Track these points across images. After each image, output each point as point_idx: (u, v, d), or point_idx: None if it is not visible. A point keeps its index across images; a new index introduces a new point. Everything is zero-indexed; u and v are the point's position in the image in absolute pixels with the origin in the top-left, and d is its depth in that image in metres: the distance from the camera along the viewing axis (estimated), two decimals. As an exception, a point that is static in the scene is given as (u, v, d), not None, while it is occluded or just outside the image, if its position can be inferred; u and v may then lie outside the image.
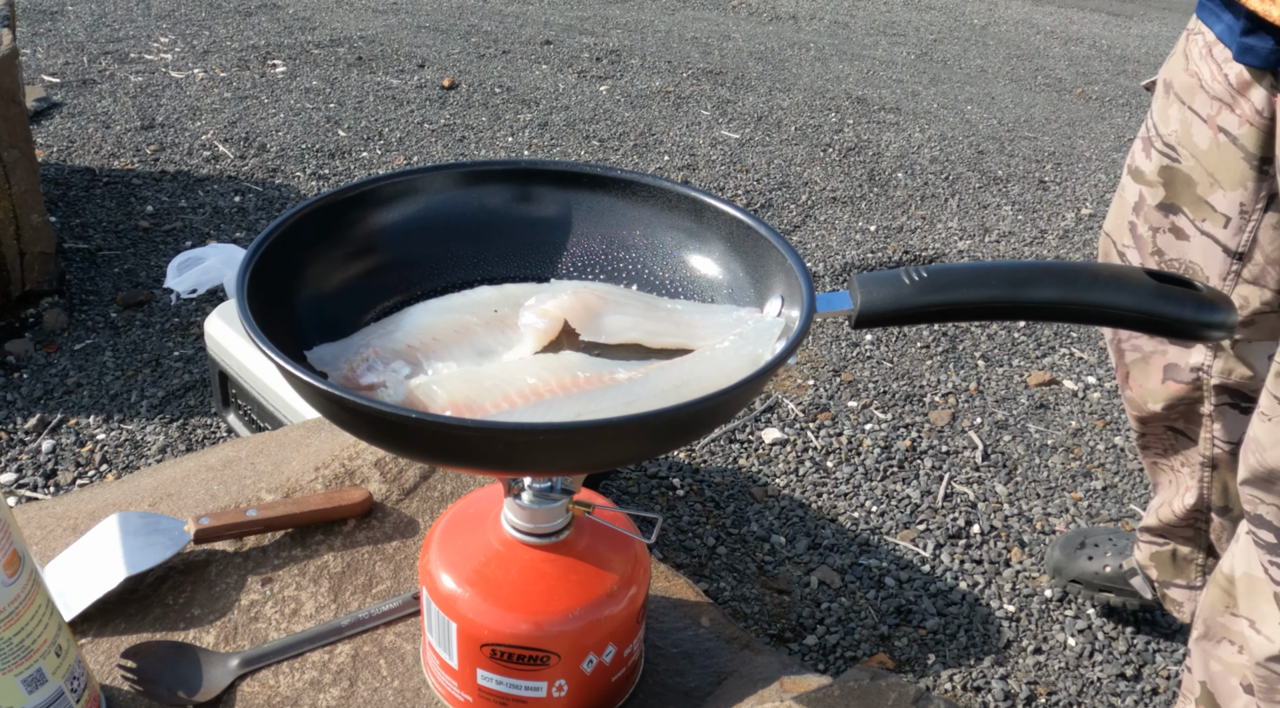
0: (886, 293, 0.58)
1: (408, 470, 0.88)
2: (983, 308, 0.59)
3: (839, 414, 2.12)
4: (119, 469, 1.81)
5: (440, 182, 0.69)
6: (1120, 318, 0.59)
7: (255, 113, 3.25)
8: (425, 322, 0.64)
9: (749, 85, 4.02)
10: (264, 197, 2.76)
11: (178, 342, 2.14)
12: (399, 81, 3.66)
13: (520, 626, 0.63)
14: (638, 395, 0.58)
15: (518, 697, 0.66)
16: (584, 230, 0.70)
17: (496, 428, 0.48)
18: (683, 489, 1.84)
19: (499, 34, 4.38)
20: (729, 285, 0.67)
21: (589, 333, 0.64)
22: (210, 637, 0.74)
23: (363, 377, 0.60)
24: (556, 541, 0.66)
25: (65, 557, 0.77)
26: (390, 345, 0.62)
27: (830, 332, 2.39)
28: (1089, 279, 0.59)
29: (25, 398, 1.94)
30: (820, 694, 0.64)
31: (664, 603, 0.81)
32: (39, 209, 2.10)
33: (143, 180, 2.77)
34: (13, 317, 2.14)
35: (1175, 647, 1.62)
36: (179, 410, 1.96)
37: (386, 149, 3.11)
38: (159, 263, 2.39)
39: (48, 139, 2.91)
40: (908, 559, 1.75)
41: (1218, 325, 0.59)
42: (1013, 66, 4.76)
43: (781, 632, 1.59)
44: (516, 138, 3.30)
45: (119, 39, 3.79)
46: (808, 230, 2.88)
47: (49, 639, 0.61)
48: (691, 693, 0.73)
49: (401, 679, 0.72)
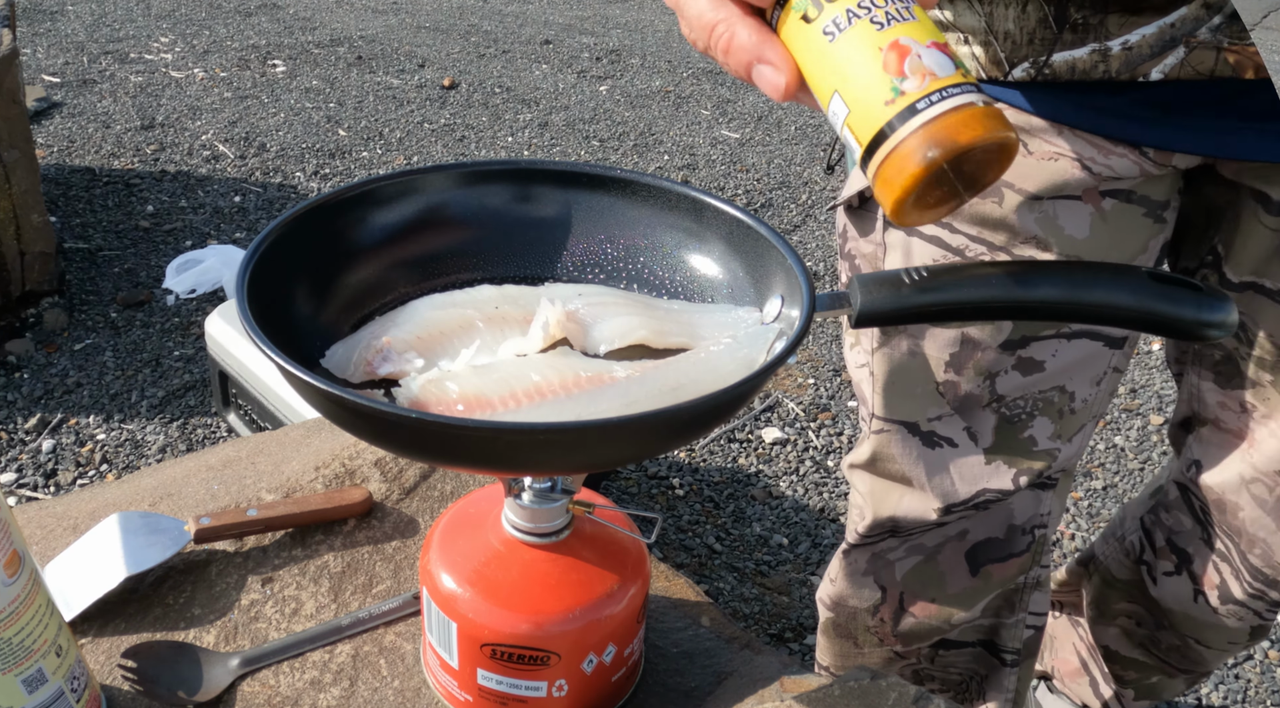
0: (886, 293, 0.58)
1: (408, 470, 0.88)
2: (983, 307, 0.59)
3: (839, 414, 2.11)
4: (119, 469, 1.81)
5: (440, 181, 0.69)
6: (1120, 318, 0.59)
7: (255, 113, 3.25)
8: (430, 316, 0.64)
9: (749, 85, 4.02)
10: (264, 197, 2.76)
11: (178, 342, 2.14)
12: (399, 81, 3.66)
13: (520, 625, 0.63)
14: (636, 396, 0.58)
15: (518, 697, 0.66)
16: (584, 230, 0.70)
17: (496, 428, 0.48)
18: (683, 489, 1.84)
19: (499, 34, 4.38)
20: (729, 285, 0.67)
21: (589, 347, 0.64)
22: (210, 637, 0.74)
23: (379, 368, 0.60)
24: (557, 540, 0.66)
25: (65, 557, 0.77)
26: (401, 337, 0.62)
27: (830, 331, 2.39)
28: (1089, 279, 0.59)
29: (25, 398, 1.94)
30: (820, 694, 0.64)
31: (664, 603, 0.81)
32: (39, 209, 2.10)
33: (143, 180, 2.77)
34: (13, 317, 2.14)
35: (1175, 646, 1.62)
36: (179, 410, 1.96)
37: (386, 149, 3.11)
38: (159, 263, 2.39)
39: (48, 139, 2.91)
40: (908, 559, 1.75)
41: (1218, 325, 0.59)
42: (1013, 66, 4.75)
43: (781, 632, 1.59)
44: (516, 138, 3.30)
45: (119, 39, 3.79)
46: (808, 230, 2.88)
47: (49, 639, 0.61)
48: (691, 693, 0.73)
49: (402, 679, 0.72)
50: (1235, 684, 1.59)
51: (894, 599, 1.02)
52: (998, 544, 0.97)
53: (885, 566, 1.00)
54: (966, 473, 0.92)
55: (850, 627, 1.06)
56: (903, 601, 1.01)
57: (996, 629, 1.03)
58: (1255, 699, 1.58)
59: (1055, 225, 0.80)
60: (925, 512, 0.94)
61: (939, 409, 0.90)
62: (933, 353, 0.88)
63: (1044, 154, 0.77)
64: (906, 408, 0.92)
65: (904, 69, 0.43)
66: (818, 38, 0.45)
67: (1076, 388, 0.88)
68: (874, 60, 0.44)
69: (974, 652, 1.05)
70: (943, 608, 1.00)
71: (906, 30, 0.44)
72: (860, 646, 1.06)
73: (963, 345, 0.86)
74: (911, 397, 0.91)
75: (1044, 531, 0.97)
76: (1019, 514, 0.96)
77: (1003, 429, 0.90)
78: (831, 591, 1.06)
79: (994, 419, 0.90)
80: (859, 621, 1.04)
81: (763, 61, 0.47)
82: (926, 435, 0.92)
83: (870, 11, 0.44)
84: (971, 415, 0.90)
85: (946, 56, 0.44)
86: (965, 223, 0.82)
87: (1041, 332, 0.85)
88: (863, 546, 1.00)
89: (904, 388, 0.91)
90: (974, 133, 0.43)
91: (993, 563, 0.97)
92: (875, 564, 1.01)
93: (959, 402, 0.89)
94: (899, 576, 1.00)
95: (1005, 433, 0.90)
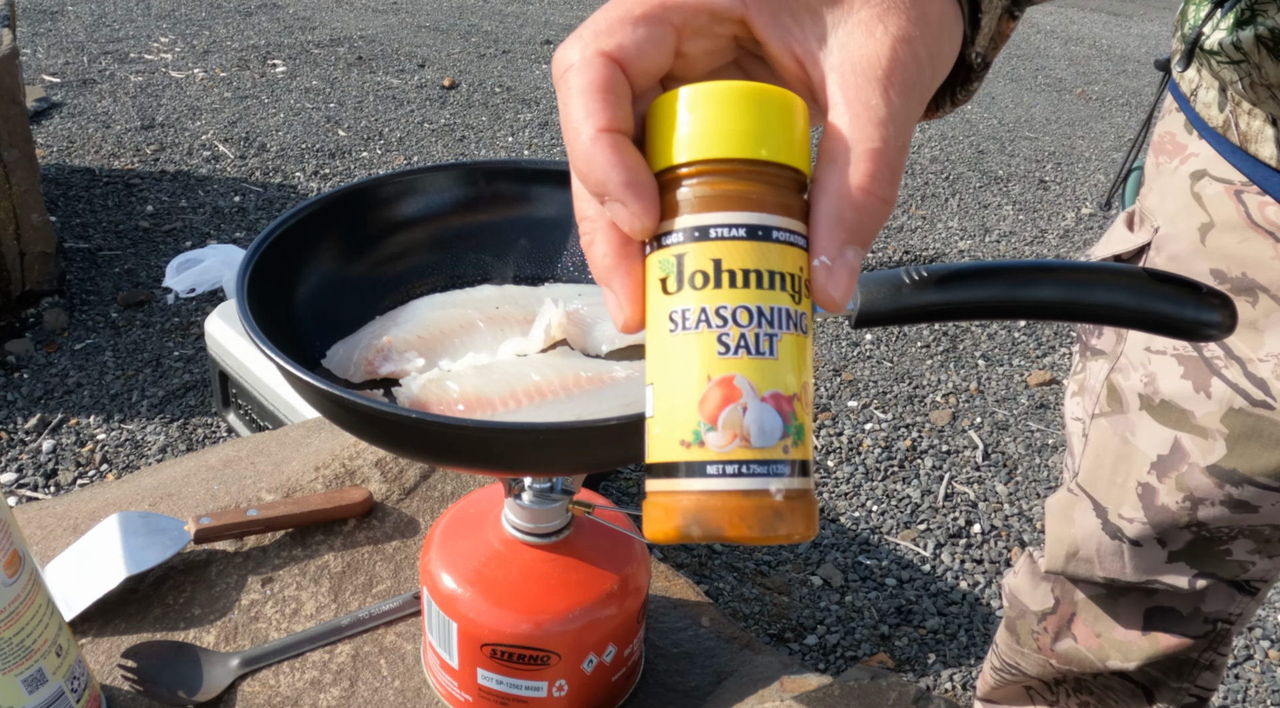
0: (886, 292, 0.58)
1: (408, 470, 0.88)
2: (983, 307, 0.59)
3: (839, 414, 2.11)
4: (119, 469, 1.81)
5: (441, 181, 0.69)
6: (1121, 318, 0.59)
7: (255, 113, 3.25)
8: (431, 316, 0.64)
9: (749, 85, 4.02)
10: (264, 197, 2.76)
11: (178, 342, 2.14)
12: (399, 81, 3.66)
13: (520, 625, 0.63)
14: (636, 396, 0.58)
15: (518, 697, 0.66)
16: (584, 230, 0.70)
17: (496, 428, 0.48)
18: (683, 489, 1.84)
19: (499, 34, 4.38)
20: (729, 285, 0.67)
21: (589, 347, 0.64)
22: (210, 637, 0.74)
23: (381, 367, 0.60)
24: (557, 540, 0.66)
25: (65, 557, 0.77)
26: (402, 336, 0.62)
27: (830, 331, 2.39)
28: (1089, 279, 0.59)
29: (25, 398, 1.94)
30: (820, 694, 0.64)
31: (664, 603, 0.81)
32: (39, 209, 2.10)
33: (143, 180, 2.77)
34: (13, 316, 2.14)
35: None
36: (179, 410, 1.96)
37: (386, 149, 3.11)
38: (159, 263, 2.39)
39: (48, 139, 2.91)
40: (908, 559, 1.75)
41: (1218, 325, 0.59)
42: (1013, 66, 4.75)
43: (781, 632, 1.59)
44: (516, 138, 3.30)
45: (119, 39, 3.79)
46: (808, 230, 2.88)
47: (49, 639, 0.61)
48: (691, 693, 0.73)
49: (402, 679, 0.72)
50: (1235, 684, 1.59)
51: (1064, 616, 0.96)
52: (1177, 619, 0.90)
53: (1067, 583, 0.96)
54: (1142, 565, 0.85)
55: (1018, 623, 1.03)
56: (1071, 621, 0.96)
57: (1160, 684, 0.98)
58: (1255, 699, 1.58)
59: None
60: (1091, 575, 0.89)
61: (1134, 512, 0.82)
62: (1142, 446, 0.80)
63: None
64: (1102, 491, 0.85)
65: (718, 417, 0.35)
66: (663, 316, 0.36)
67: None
68: (695, 388, 0.35)
69: (1134, 690, 1.00)
70: (1104, 646, 0.94)
71: (751, 369, 0.35)
72: (1021, 644, 1.03)
73: (1173, 451, 0.78)
74: (1112, 483, 0.84)
75: (1228, 627, 0.90)
76: (1209, 604, 0.89)
77: (1199, 546, 0.82)
78: (1013, 581, 1.03)
79: (1189, 537, 0.82)
80: (1026, 621, 1.01)
81: (609, 289, 0.37)
82: (1112, 527, 0.85)
83: (724, 327, 0.35)
84: (1166, 532, 0.82)
85: (780, 418, 0.35)
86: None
87: (1258, 476, 0.75)
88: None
89: (1108, 470, 0.84)
90: (746, 531, 0.35)
91: (1165, 633, 0.91)
92: (1058, 578, 0.96)
93: (1155, 511, 0.81)
94: (1077, 598, 0.95)
95: (1199, 548, 0.83)
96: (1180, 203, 0.75)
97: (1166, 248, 0.77)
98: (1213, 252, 0.73)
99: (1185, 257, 0.75)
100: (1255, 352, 0.72)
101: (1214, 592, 0.87)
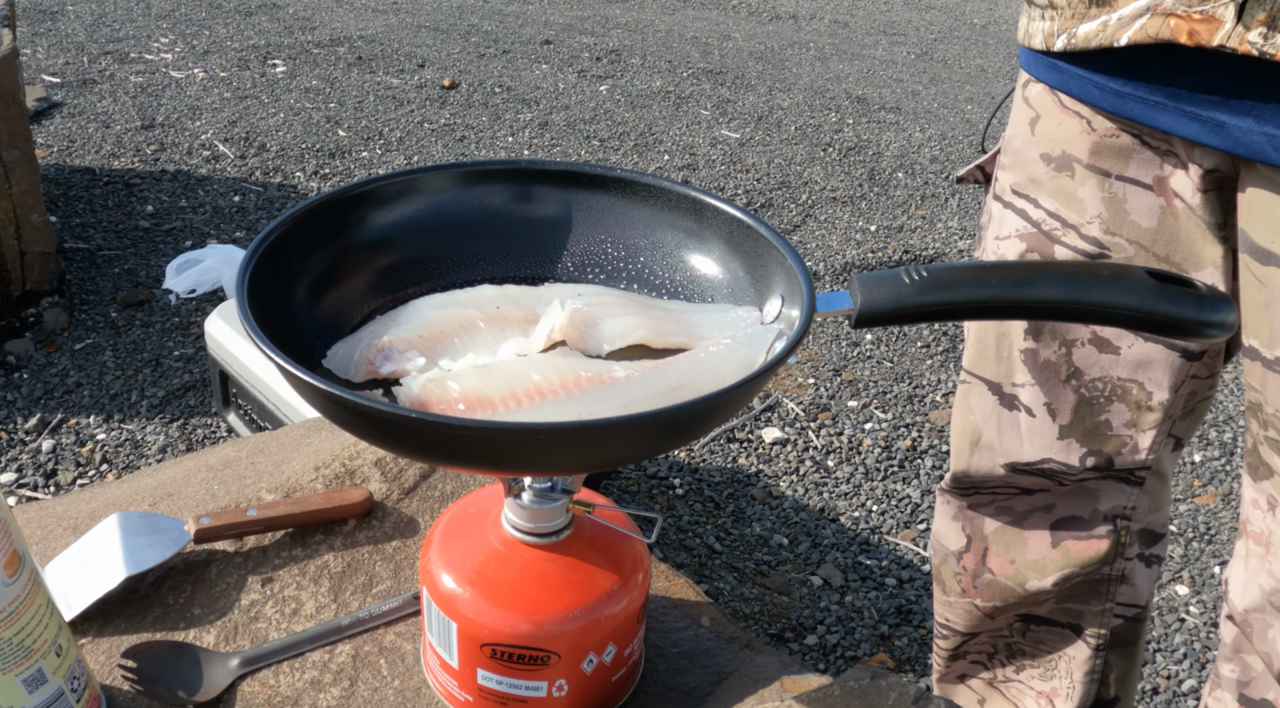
0: (887, 292, 0.58)
1: (408, 470, 0.88)
2: (983, 307, 0.59)
3: (839, 414, 2.11)
4: (119, 469, 1.81)
5: (440, 181, 0.69)
6: (1120, 317, 0.59)
7: (255, 113, 3.25)
8: (431, 315, 0.64)
9: (749, 85, 4.02)
10: (264, 196, 2.76)
11: (178, 341, 2.14)
12: (399, 81, 3.66)
13: (520, 625, 0.63)
14: (636, 396, 0.58)
15: (518, 697, 0.66)
16: (584, 230, 0.70)
17: (497, 428, 0.48)
18: (683, 489, 1.84)
19: (499, 34, 4.38)
20: (729, 285, 0.67)
21: (590, 347, 0.64)
22: (210, 637, 0.74)
23: (381, 367, 0.60)
24: (557, 540, 0.66)
25: (65, 557, 0.77)
26: (403, 335, 0.62)
27: (830, 331, 2.39)
28: (1089, 279, 0.59)
29: (25, 398, 1.94)
30: (820, 694, 0.64)
31: (664, 603, 0.81)
32: (39, 209, 2.10)
33: (143, 180, 2.77)
34: (13, 316, 2.14)
35: (1175, 647, 1.62)
36: (179, 410, 1.96)
37: (386, 149, 3.11)
38: (159, 263, 2.39)
39: (48, 139, 2.91)
40: (908, 559, 1.75)
41: (1218, 324, 0.59)
42: (1013, 66, 4.75)
43: (781, 632, 1.59)
44: (516, 137, 3.30)
45: (119, 39, 3.80)
46: (808, 230, 2.88)
47: (49, 639, 0.61)
48: (691, 693, 0.73)
49: (402, 679, 0.72)
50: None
51: (978, 551, 1.07)
52: (1080, 522, 1.00)
53: (974, 517, 1.06)
54: (1037, 442, 0.96)
55: (942, 570, 1.12)
56: (985, 555, 1.06)
57: (1082, 614, 1.06)
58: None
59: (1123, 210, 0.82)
60: (993, 468, 0.99)
61: (1023, 377, 0.94)
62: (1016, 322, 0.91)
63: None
64: (992, 368, 0.97)
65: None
66: None
67: (1154, 389, 0.90)
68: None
69: (1062, 632, 1.08)
70: (1019, 570, 1.04)
71: None
72: (947, 592, 1.12)
73: None
74: (998, 358, 0.96)
75: (1127, 523, 0.99)
76: (1104, 501, 0.99)
77: (1081, 410, 0.93)
78: (935, 526, 1.13)
79: (1074, 399, 0.93)
80: (949, 565, 1.11)
81: None
82: (1008, 398, 0.96)
83: None
84: (1052, 389, 0.93)
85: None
86: (1049, 197, 0.86)
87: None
88: (954, 492, 1.07)
89: (992, 349, 0.96)
90: None
91: (1072, 539, 1.01)
92: (964, 514, 1.07)
93: (1039, 370, 0.93)
94: (986, 531, 1.06)
95: (1082, 413, 0.93)
96: (1017, 109, 0.90)
97: (1009, 146, 0.91)
98: (1040, 138, 0.86)
99: (1021, 148, 0.88)
100: (1082, 216, 0.85)
101: (1107, 490, 0.97)
